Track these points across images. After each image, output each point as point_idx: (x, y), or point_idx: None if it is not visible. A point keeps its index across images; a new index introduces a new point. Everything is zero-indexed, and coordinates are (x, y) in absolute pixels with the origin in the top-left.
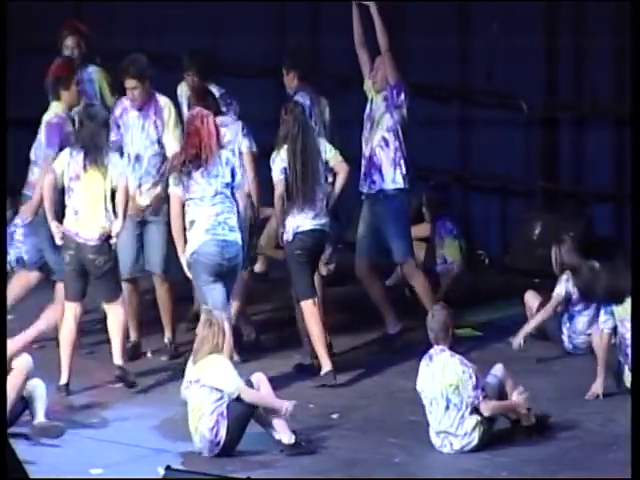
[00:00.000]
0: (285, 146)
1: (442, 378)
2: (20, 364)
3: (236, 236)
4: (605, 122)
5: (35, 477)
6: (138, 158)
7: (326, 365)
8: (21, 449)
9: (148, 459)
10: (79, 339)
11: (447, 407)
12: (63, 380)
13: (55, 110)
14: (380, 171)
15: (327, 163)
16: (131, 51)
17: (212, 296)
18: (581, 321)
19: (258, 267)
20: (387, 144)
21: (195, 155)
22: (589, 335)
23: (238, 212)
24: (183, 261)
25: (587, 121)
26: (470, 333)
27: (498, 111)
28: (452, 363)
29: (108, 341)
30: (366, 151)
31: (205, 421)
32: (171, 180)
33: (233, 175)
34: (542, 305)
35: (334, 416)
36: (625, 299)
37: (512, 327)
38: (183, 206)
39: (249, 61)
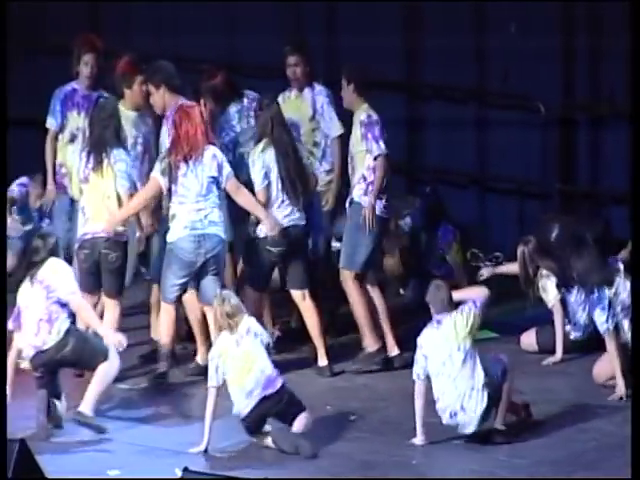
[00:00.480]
0: (263, 147)
1: (458, 332)
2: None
3: (217, 229)
4: (622, 123)
5: (52, 477)
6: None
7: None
8: (39, 450)
9: (165, 460)
10: None
11: (464, 360)
12: None
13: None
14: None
15: None
16: (148, 52)
17: (165, 287)
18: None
19: None
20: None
21: (181, 147)
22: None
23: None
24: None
25: (604, 122)
26: (486, 334)
27: (515, 112)
28: (460, 317)
29: None
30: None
31: (259, 364)
32: (157, 166)
33: (220, 170)
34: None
35: (352, 418)
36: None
37: (528, 328)
38: (157, 196)
39: (265, 62)
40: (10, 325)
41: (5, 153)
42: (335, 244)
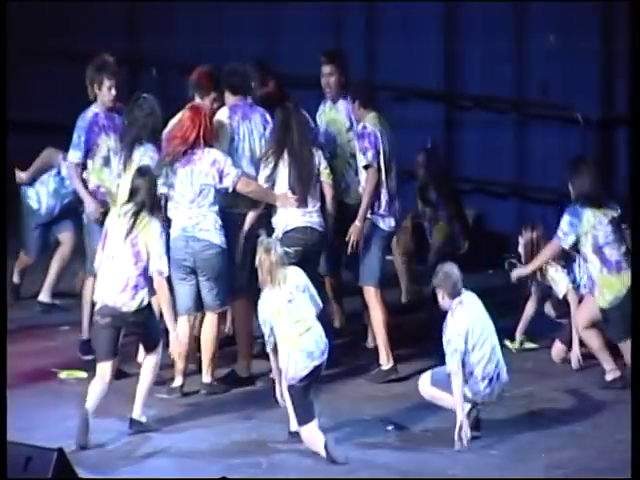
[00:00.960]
0: (273, 150)
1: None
2: None
3: (208, 235)
4: None
5: (84, 477)
6: None
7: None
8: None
9: (204, 470)
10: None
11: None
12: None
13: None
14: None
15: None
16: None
17: (178, 296)
18: None
19: None
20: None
21: (178, 149)
22: None
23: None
24: None
25: None
26: (528, 345)
27: (554, 123)
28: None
29: None
30: None
31: (317, 328)
32: (160, 180)
33: (220, 177)
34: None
35: (389, 428)
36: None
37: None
38: None
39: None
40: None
41: (5, 153)
42: None
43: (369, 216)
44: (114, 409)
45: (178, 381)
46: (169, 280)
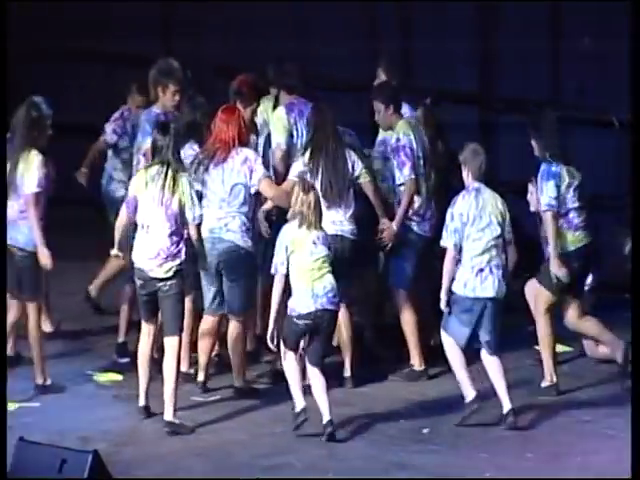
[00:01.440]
0: (309, 150)
1: (496, 204)
2: None
3: (234, 237)
4: None
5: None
6: None
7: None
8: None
9: (236, 472)
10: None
11: (499, 235)
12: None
13: None
14: None
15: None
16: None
17: (204, 295)
18: None
19: None
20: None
21: (213, 148)
22: None
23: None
24: None
25: None
26: (562, 348)
27: (589, 125)
28: (499, 198)
29: None
30: None
31: (330, 278)
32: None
33: (251, 175)
34: None
35: (425, 431)
36: None
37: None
38: None
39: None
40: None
41: (5, 154)
42: None
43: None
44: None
45: (200, 376)
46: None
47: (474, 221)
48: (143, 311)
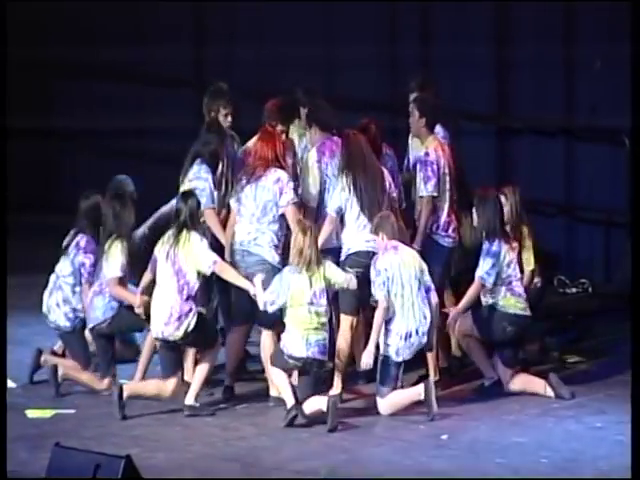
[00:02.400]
0: (344, 174)
1: (414, 262)
2: None
3: (261, 251)
4: None
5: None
6: None
7: (336, 387)
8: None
9: (264, 476)
10: None
11: (419, 288)
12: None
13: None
14: None
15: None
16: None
17: (236, 304)
18: None
19: None
20: None
21: (251, 163)
22: None
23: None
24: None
25: None
26: (576, 359)
27: (602, 144)
28: (415, 254)
29: None
30: None
31: (323, 333)
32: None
33: (280, 194)
34: None
35: (443, 437)
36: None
37: (612, 351)
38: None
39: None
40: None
41: (5, 157)
42: None
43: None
44: (178, 418)
45: (227, 382)
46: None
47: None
48: (164, 366)
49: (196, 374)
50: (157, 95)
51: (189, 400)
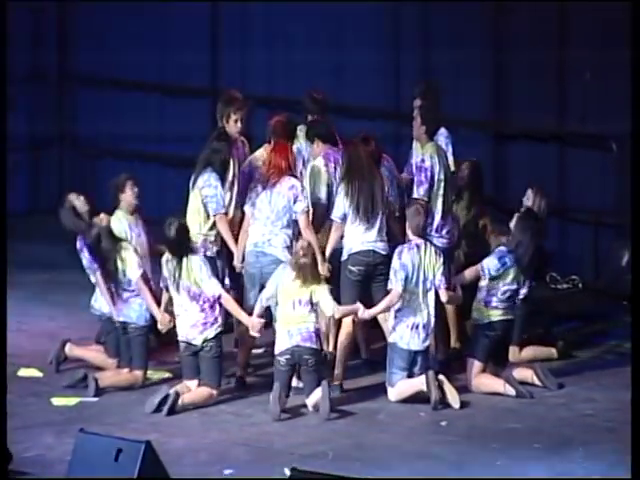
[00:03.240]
0: (345, 180)
1: (433, 263)
2: None
3: (276, 251)
4: None
5: (174, 477)
6: None
7: (337, 379)
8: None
9: (275, 460)
10: None
11: (430, 288)
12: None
13: (261, 151)
14: None
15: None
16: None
17: (248, 303)
18: None
19: None
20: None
21: (266, 171)
22: None
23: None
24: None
25: None
26: (563, 351)
27: (591, 151)
28: (435, 255)
29: None
30: None
31: (307, 322)
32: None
33: (295, 201)
34: None
35: (442, 423)
36: None
37: (602, 343)
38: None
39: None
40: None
41: (5, 160)
42: None
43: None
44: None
45: (238, 372)
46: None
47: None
48: (186, 371)
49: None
50: (175, 103)
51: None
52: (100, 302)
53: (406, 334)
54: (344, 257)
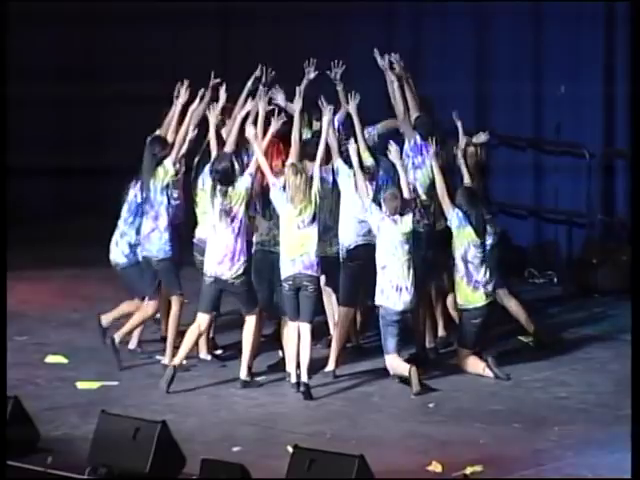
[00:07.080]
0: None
1: (407, 229)
2: None
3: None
4: None
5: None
6: None
7: (330, 364)
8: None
9: (279, 438)
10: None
11: (408, 251)
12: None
13: None
14: None
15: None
16: None
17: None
18: None
19: None
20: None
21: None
22: None
23: None
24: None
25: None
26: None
27: (565, 158)
28: (409, 224)
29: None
30: None
31: (309, 248)
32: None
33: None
34: None
35: (431, 405)
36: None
37: (575, 332)
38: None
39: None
40: None
41: (5, 155)
42: None
43: None
44: (206, 389)
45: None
46: None
47: None
48: (205, 302)
49: (243, 348)
50: None
51: (242, 375)
52: (114, 254)
53: (392, 294)
54: (342, 254)
